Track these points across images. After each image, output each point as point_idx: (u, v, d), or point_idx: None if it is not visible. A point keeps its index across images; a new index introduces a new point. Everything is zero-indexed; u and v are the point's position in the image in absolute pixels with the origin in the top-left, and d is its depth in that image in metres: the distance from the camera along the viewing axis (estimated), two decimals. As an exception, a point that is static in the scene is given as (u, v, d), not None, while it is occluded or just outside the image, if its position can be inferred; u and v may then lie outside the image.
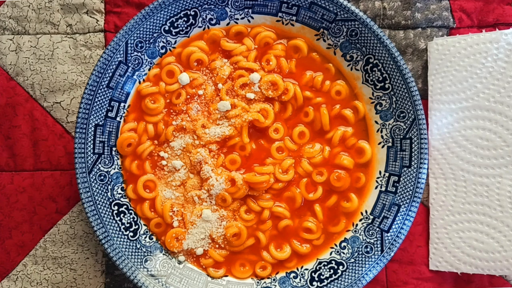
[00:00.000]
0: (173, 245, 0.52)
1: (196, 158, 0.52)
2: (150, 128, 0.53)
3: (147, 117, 0.53)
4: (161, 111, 0.53)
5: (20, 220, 0.58)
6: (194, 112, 0.53)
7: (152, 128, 0.53)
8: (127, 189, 0.53)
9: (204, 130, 0.52)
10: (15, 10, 0.59)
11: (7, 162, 0.58)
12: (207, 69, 0.54)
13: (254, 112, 0.52)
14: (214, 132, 0.52)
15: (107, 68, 0.51)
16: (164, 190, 0.53)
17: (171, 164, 0.53)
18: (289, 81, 0.53)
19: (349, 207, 0.53)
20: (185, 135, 0.53)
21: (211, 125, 0.53)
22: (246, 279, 0.53)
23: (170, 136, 0.53)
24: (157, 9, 0.51)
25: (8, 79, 0.58)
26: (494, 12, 0.57)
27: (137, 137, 0.53)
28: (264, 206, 0.53)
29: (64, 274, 0.57)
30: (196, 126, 0.52)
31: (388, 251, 0.51)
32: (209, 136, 0.52)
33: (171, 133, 0.53)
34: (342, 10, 0.51)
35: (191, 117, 0.53)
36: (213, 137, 0.52)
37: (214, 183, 0.52)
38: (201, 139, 0.52)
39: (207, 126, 0.53)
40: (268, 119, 0.53)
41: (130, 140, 0.53)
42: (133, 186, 0.53)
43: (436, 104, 0.55)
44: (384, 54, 0.51)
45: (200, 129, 0.52)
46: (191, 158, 0.52)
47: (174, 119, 0.53)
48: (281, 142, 0.53)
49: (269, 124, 0.53)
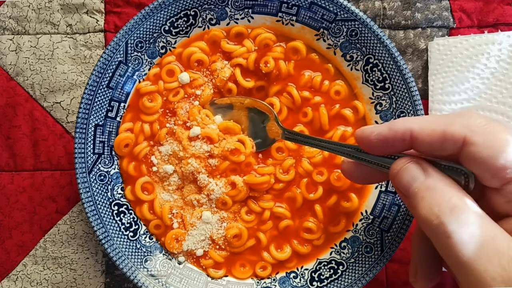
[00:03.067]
0: (173, 246, 0.52)
1: (188, 169, 0.51)
2: (146, 128, 0.53)
3: (143, 116, 0.53)
4: (157, 111, 0.53)
5: (20, 220, 0.58)
6: (183, 112, 0.52)
7: (149, 128, 0.53)
8: (125, 191, 0.53)
9: (190, 142, 0.52)
10: (15, 10, 0.59)
11: (7, 162, 0.58)
12: (208, 71, 0.53)
13: (234, 142, 0.52)
14: (200, 146, 0.52)
15: (107, 68, 0.51)
16: (162, 193, 0.53)
17: (163, 170, 0.52)
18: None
19: (349, 207, 0.53)
20: (174, 142, 0.52)
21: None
22: (246, 279, 0.53)
23: (163, 138, 0.52)
24: (157, 9, 0.51)
25: (8, 79, 0.58)
26: (494, 12, 0.57)
27: (134, 138, 0.53)
28: (265, 207, 0.53)
29: (64, 274, 0.57)
30: (182, 137, 0.52)
31: (388, 251, 0.51)
32: (195, 149, 0.51)
33: (164, 135, 0.52)
34: (342, 10, 0.51)
35: (179, 116, 0.52)
36: (199, 151, 0.51)
37: (214, 187, 0.52)
38: (186, 151, 0.51)
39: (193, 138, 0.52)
40: (247, 149, 0.52)
41: (127, 141, 0.53)
42: (131, 188, 0.53)
43: (437, 104, 0.55)
44: (384, 54, 0.51)
45: (185, 140, 0.51)
46: (182, 169, 0.52)
47: (168, 121, 0.53)
48: (280, 142, 0.53)
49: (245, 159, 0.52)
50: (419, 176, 0.37)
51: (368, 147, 0.40)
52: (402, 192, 0.38)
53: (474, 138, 0.34)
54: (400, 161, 0.38)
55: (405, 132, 0.37)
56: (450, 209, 0.33)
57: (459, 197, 0.34)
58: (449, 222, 0.33)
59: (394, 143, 0.38)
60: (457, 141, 0.35)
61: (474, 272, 0.31)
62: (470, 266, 0.32)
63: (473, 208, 0.34)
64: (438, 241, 0.34)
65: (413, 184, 0.36)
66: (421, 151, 0.38)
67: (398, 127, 0.38)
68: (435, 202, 0.34)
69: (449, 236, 0.32)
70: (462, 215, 0.33)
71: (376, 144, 0.39)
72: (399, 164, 0.38)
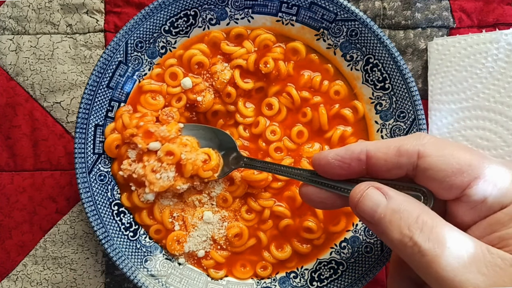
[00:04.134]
0: (174, 248, 0.52)
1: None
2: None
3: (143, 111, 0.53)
4: (158, 110, 0.53)
5: (20, 220, 0.58)
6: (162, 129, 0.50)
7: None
8: (121, 197, 0.53)
9: (155, 175, 0.49)
10: (15, 10, 0.59)
11: (7, 162, 0.58)
12: (208, 73, 0.53)
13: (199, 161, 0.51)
14: (166, 177, 0.50)
15: (107, 68, 0.51)
16: (161, 198, 0.53)
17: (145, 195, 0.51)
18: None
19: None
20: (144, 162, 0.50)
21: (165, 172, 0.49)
22: (247, 279, 0.53)
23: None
24: (157, 9, 0.51)
25: (8, 79, 0.58)
26: (494, 12, 0.57)
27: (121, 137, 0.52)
28: (265, 205, 0.53)
29: (64, 274, 0.57)
30: (146, 170, 0.49)
31: (388, 251, 0.51)
32: (162, 181, 0.49)
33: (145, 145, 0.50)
34: (342, 10, 0.51)
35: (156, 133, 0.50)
36: (165, 183, 0.49)
37: (214, 185, 0.52)
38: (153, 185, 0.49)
39: (157, 170, 0.49)
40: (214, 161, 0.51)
41: (117, 142, 0.52)
42: (127, 194, 0.53)
43: (436, 104, 0.55)
44: (384, 54, 0.51)
45: (150, 174, 0.49)
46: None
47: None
48: (279, 142, 0.53)
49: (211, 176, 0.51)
50: (381, 200, 0.36)
51: (326, 170, 0.41)
52: (366, 219, 0.37)
53: (427, 149, 0.36)
54: (358, 188, 0.38)
55: (361, 152, 0.38)
56: (420, 227, 0.34)
57: (426, 214, 0.35)
58: (422, 240, 0.33)
59: (351, 163, 0.39)
60: (411, 156, 0.36)
61: (456, 285, 0.31)
62: (451, 280, 0.32)
63: (442, 222, 0.34)
64: (414, 261, 0.34)
65: (377, 210, 0.36)
66: (377, 171, 0.39)
67: (354, 147, 0.39)
68: (403, 224, 0.34)
69: (424, 254, 0.33)
70: (433, 231, 0.33)
71: (333, 164, 0.40)
72: (359, 191, 0.38)
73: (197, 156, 0.50)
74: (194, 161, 0.50)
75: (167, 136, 0.50)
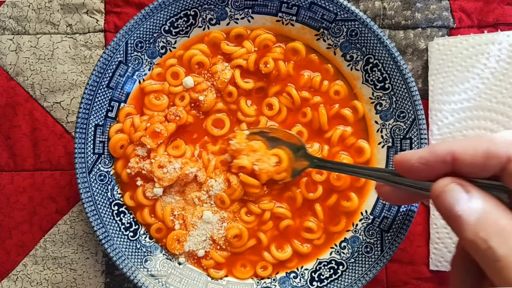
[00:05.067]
0: (174, 247, 0.52)
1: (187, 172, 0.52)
2: (136, 122, 0.52)
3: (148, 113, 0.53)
4: (164, 109, 0.53)
5: (20, 220, 0.58)
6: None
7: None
8: (124, 197, 0.53)
9: (162, 170, 0.51)
10: (15, 10, 0.59)
11: (7, 162, 0.58)
12: (209, 73, 0.53)
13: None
14: (173, 169, 0.51)
15: (107, 68, 0.51)
16: (164, 195, 0.53)
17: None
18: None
19: (349, 206, 0.53)
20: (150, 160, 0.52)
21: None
22: (247, 279, 0.53)
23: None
24: (157, 9, 0.51)
25: (8, 79, 0.58)
26: (494, 12, 0.57)
27: (127, 138, 0.52)
28: (265, 208, 0.53)
29: (64, 274, 0.57)
30: (153, 166, 0.51)
31: (388, 251, 0.51)
32: (169, 174, 0.51)
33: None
34: (342, 10, 0.51)
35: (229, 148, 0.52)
36: (173, 175, 0.51)
37: (213, 183, 0.52)
38: (162, 180, 0.51)
39: (164, 165, 0.51)
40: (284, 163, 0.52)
41: (122, 142, 0.52)
42: (130, 194, 0.53)
43: (437, 104, 0.55)
44: (384, 54, 0.51)
45: (157, 170, 0.51)
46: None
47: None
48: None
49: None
50: (462, 197, 0.35)
51: (409, 172, 0.39)
52: (444, 213, 0.36)
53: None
54: (441, 182, 0.37)
55: (446, 154, 0.36)
56: (498, 232, 0.32)
57: (506, 219, 0.33)
58: (497, 246, 0.32)
59: (436, 166, 0.37)
60: (501, 159, 0.34)
61: None
62: None
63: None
64: (487, 264, 0.33)
65: (456, 206, 0.35)
66: (463, 173, 0.37)
67: (439, 149, 0.37)
68: (481, 226, 0.33)
69: (498, 259, 0.31)
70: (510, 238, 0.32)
71: (417, 168, 0.38)
72: (441, 185, 0.36)
73: (269, 161, 0.51)
74: (267, 169, 0.50)
75: (239, 149, 0.51)
